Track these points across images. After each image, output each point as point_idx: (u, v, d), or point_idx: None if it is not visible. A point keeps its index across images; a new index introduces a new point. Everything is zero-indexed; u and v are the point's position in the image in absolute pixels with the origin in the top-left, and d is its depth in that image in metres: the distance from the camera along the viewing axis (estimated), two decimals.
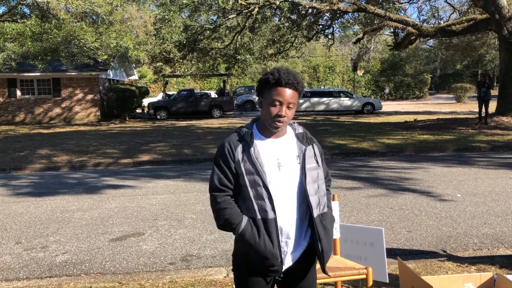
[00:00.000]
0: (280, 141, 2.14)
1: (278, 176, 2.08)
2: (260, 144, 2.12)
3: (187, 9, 19.52)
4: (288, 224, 2.10)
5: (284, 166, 2.09)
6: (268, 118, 2.08)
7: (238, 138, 2.13)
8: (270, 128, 2.10)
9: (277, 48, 22.51)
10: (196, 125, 20.67)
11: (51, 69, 22.58)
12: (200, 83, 42.39)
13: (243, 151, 2.08)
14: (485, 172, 8.60)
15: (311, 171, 2.12)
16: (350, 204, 6.59)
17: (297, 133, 2.20)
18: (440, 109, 26.96)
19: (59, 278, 4.32)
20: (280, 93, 2.05)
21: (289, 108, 2.06)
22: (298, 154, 2.13)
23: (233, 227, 2.07)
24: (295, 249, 2.14)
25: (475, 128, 14.89)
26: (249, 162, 2.06)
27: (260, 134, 2.14)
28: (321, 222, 2.12)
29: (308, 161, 2.12)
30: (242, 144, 2.10)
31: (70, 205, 7.03)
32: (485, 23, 17.00)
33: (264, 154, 2.10)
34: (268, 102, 2.07)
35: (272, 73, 2.08)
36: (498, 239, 4.98)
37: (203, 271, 4.36)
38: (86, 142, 14.72)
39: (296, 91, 2.08)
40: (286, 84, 2.04)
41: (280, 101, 2.04)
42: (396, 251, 4.76)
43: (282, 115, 2.04)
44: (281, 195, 2.07)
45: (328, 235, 2.14)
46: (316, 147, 2.20)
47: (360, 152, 11.46)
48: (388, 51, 37.39)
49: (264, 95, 2.10)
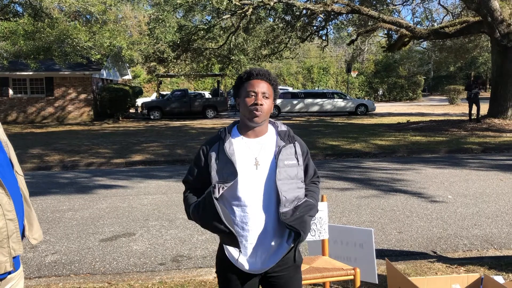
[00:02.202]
0: (260, 140, 2.14)
1: (255, 175, 2.07)
2: (238, 142, 2.12)
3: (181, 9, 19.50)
4: (267, 224, 2.08)
5: (261, 165, 2.09)
6: (246, 111, 2.09)
7: (215, 138, 2.17)
8: (249, 121, 2.10)
9: (271, 49, 22.52)
10: (190, 125, 20.64)
11: (44, 68, 22.43)
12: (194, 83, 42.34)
13: (218, 149, 2.11)
14: (476, 174, 8.65)
15: (288, 168, 2.09)
16: (342, 205, 6.60)
17: (279, 130, 2.19)
18: (433, 110, 27.10)
19: (48, 278, 4.30)
20: (253, 84, 2.10)
21: (265, 98, 2.09)
22: (275, 151, 2.12)
23: (188, 212, 2.13)
24: (273, 252, 2.11)
25: (468, 130, 14.97)
26: (223, 159, 2.07)
27: (239, 133, 2.16)
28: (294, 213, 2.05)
29: (284, 157, 2.09)
30: (218, 143, 2.13)
31: (61, 205, 7.00)
32: (477, 25, 17.11)
33: (241, 152, 2.10)
34: (243, 96, 2.11)
35: (244, 71, 2.17)
36: (488, 240, 5.01)
37: (193, 271, 4.35)
38: (79, 141, 14.65)
39: (268, 83, 2.13)
40: (258, 75, 2.11)
41: (255, 91, 2.09)
42: (386, 252, 4.77)
43: (258, 103, 2.06)
44: (258, 195, 2.06)
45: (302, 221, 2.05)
46: (298, 146, 2.18)
47: (352, 153, 11.48)
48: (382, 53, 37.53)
49: (240, 93, 2.15)
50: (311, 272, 2.60)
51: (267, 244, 2.10)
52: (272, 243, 2.10)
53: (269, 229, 2.09)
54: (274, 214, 2.08)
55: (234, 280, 2.12)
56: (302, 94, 26.30)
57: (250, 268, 2.11)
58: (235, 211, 2.09)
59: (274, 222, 2.09)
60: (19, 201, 1.92)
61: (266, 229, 2.09)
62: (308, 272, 2.59)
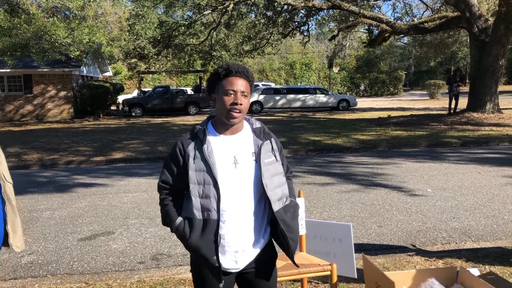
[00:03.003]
0: (236, 137, 2.10)
1: (234, 173, 2.04)
2: (215, 141, 2.07)
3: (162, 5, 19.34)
4: (245, 222, 2.06)
5: (240, 163, 2.05)
6: (224, 110, 2.03)
7: (190, 136, 2.10)
8: (227, 120, 2.05)
9: (253, 44, 22.48)
10: (172, 122, 20.49)
11: (22, 65, 22.04)
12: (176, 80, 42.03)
13: (195, 148, 2.04)
14: (456, 167, 8.76)
15: (269, 165, 2.07)
16: (323, 200, 6.62)
17: (254, 128, 2.16)
18: (413, 105, 27.39)
19: (23, 279, 4.21)
20: (232, 82, 2.03)
21: (244, 97, 2.04)
22: (254, 150, 2.09)
23: (168, 225, 2.13)
24: (251, 248, 2.09)
25: (447, 124, 15.16)
26: (201, 160, 2.02)
27: (215, 131, 2.10)
28: (285, 215, 2.08)
29: (264, 155, 2.07)
30: (194, 141, 2.07)
31: (39, 204, 6.87)
32: (456, 20, 17.32)
33: (219, 151, 2.05)
34: (221, 94, 2.04)
35: (221, 66, 2.08)
36: (466, 233, 5.07)
37: (173, 269, 4.31)
38: (58, 139, 14.42)
39: (247, 81, 2.07)
40: (237, 73, 2.04)
41: (234, 90, 2.03)
42: (366, 246, 4.79)
43: (238, 102, 2.01)
44: (237, 193, 2.03)
45: (293, 226, 2.10)
46: (274, 142, 2.16)
47: (334, 148, 11.53)
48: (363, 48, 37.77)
49: (216, 89, 2.08)
50: (288, 268, 2.59)
51: (244, 242, 2.08)
52: (249, 240, 2.08)
53: (247, 227, 2.07)
54: (253, 212, 2.06)
55: (210, 278, 2.09)
56: (284, 90, 26.33)
57: (226, 266, 2.09)
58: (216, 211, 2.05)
59: (252, 220, 2.07)
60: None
61: (244, 227, 2.07)
62: (285, 268, 2.58)
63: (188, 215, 2.05)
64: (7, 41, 17.20)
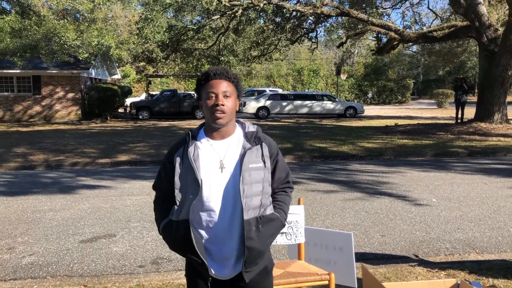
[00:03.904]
0: (226, 142, 2.09)
1: (220, 178, 2.02)
2: (203, 145, 2.08)
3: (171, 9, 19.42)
4: (231, 228, 2.03)
5: (227, 168, 2.03)
6: (208, 113, 2.05)
7: (180, 141, 2.13)
8: (212, 123, 2.05)
9: (261, 50, 22.52)
10: (178, 125, 20.53)
11: (31, 67, 22.20)
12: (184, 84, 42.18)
13: (183, 154, 2.07)
14: (462, 177, 8.68)
15: (253, 171, 2.03)
16: (326, 207, 6.58)
17: (246, 131, 2.13)
18: (421, 114, 27.26)
19: (23, 280, 4.21)
20: (212, 85, 2.05)
21: (225, 98, 2.04)
22: (241, 154, 2.07)
23: (158, 229, 2.16)
24: (240, 255, 2.05)
25: (454, 133, 15.06)
26: (186, 164, 2.03)
27: (205, 135, 2.11)
28: (257, 225, 2.02)
29: (248, 160, 2.03)
30: (183, 147, 2.09)
31: (42, 205, 6.88)
32: (465, 30, 17.24)
33: (206, 155, 2.05)
34: (204, 98, 2.07)
35: (202, 73, 2.12)
36: (470, 244, 5.01)
37: (173, 274, 4.28)
38: (65, 141, 14.48)
39: (228, 81, 2.07)
40: (215, 75, 2.06)
41: (214, 92, 2.04)
42: (368, 255, 4.74)
43: (219, 103, 2.01)
44: (221, 198, 2.02)
45: (261, 239, 2.03)
46: (266, 147, 2.11)
47: (339, 155, 11.48)
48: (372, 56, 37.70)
49: (201, 95, 2.10)
50: (285, 277, 2.55)
51: (233, 248, 2.04)
52: (238, 247, 2.04)
53: (236, 233, 2.03)
54: (240, 218, 2.03)
55: (202, 285, 2.07)
56: (291, 95, 26.31)
57: (217, 273, 2.07)
58: (201, 215, 2.03)
59: (239, 226, 2.03)
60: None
61: (233, 234, 2.03)
62: (282, 277, 2.55)
63: (170, 218, 2.10)
64: (18, 42, 17.34)
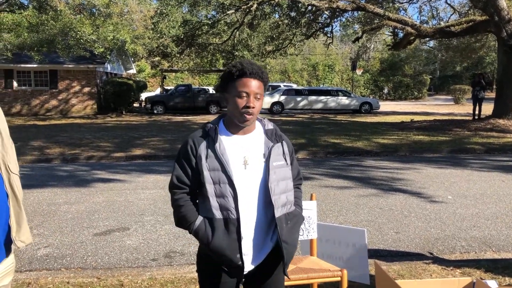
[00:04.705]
0: (248, 137, 2.06)
1: (244, 174, 2.00)
2: (226, 140, 2.03)
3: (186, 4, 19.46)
4: (251, 225, 2.02)
5: (250, 164, 2.01)
6: (236, 112, 1.98)
7: (202, 134, 2.06)
8: (239, 122, 2.01)
9: (276, 45, 22.43)
10: (192, 120, 20.59)
11: (48, 61, 22.45)
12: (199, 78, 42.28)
13: (208, 147, 2.00)
14: (478, 174, 8.55)
15: (278, 169, 2.03)
16: (340, 203, 6.53)
17: (266, 129, 2.10)
18: (437, 110, 26.92)
19: (38, 272, 4.26)
20: (246, 84, 1.97)
21: (256, 99, 1.98)
22: (264, 152, 2.04)
23: (187, 226, 2.03)
24: (259, 251, 2.05)
25: (471, 129, 14.83)
26: (214, 158, 1.98)
27: (226, 130, 2.06)
28: (286, 222, 2.03)
29: (274, 158, 2.03)
30: (206, 140, 2.02)
31: (58, 198, 6.96)
32: (484, 24, 16.92)
33: (230, 151, 2.01)
34: (234, 95, 1.99)
35: (235, 65, 2.01)
36: (486, 243, 4.92)
37: (185, 268, 4.30)
38: (80, 135, 14.63)
39: (261, 82, 2.01)
40: (251, 74, 1.97)
41: (247, 92, 1.97)
42: (382, 252, 4.70)
43: (250, 106, 1.95)
44: (246, 195, 1.99)
45: (292, 235, 2.06)
46: (286, 145, 2.11)
47: (354, 151, 11.39)
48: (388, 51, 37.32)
49: (229, 89, 2.02)
50: (296, 272, 2.53)
51: (254, 244, 2.04)
52: (257, 242, 2.05)
53: (255, 228, 2.03)
54: (262, 214, 2.02)
55: (217, 278, 2.06)
56: (306, 91, 26.18)
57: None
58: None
59: (260, 222, 2.03)
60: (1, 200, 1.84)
61: (252, 228, 2.03)
62: (294, 272, 2.53)
63: (207, 215, 2.01)
64: (35, 37, 17.55)
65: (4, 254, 1.88)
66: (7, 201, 1.86)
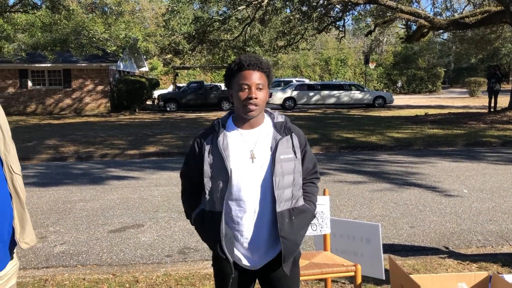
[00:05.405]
0: (255, 131, 2.05)
1: (251, 168, 1.99)
2: (232, 135, 2.04)
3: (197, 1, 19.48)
4: (262, 218, 2.01)
5: (257, 158, 2.00)
6: (240, 105, 2.00)
7: (209, 129, 2.09)
8: (244, 115, 2.01)
9: (287, 40, 22.34)
10: (205, 117, 20.63)
11: (61, 60, 22.67)
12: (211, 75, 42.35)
13: (211, 142, 2.03)
14: (494, 168, 8.43)
15: (284, 162, 2.00)
16: (354, 198, 6.50)
17: (275, 122, 2.09)
18: (452, 103, 26.61)
19: (55, 268, 4.31)
20: (246, 76, 1.98)
21: (258, 90, 1.99)
22: (271, 144, 2.03)
23: (189, 219, 2.16)
24: (271, 245, 2.04)
25: (487, 122, 14.63)
26: (216, 153, 2.00)
27: (234, 125, 2.07)
28: (290, 217, 2.01)
29: (281, 151, 2.01)
30: (212, 135, 2.05)
31: (73, 196, 7.04)
32: (499, 15, 16.64)
33: (236, 145, 2.02)
34: (236, 89, 2.00)
35: (233, 61, 2.04)
36: (503, 236, 4.86)
37: (199, 264, 4.32)
38: (94, 133, 14.77)
39: (261, 72, 2.01)
40: (249, 65, 1.99)
41: (248, 84, 1.98)
42: (397, 247, 4.66)
43: (252, 97, 1.96)
44: (252, 188, 1.99)
45: (294, 230, 2.02)
46: (296, 138, 2.08)
47: (367, 146, 11.31)
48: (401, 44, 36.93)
49: (232, 85, 2.04)
50: (310, 268, 2.52)
51: (263, 239, 2.03)
52: (267, 237, 2.03)
53: (265, 223, 2.02)
54: (270, 209, 2.01)
55: (230, 274, 2.06)
56: (318, 86, 26.05)
57: (247, 263, 2.06)
58: (230, 206, 2.02)
59: (270, 217, 2.02)
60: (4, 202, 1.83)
61: (262, 224, 2.02)
62: (308, 268, 2.52)
63: (202, 207, 2.09)
64: (48, 37, 17.73)
65: (9, 256, 1.88)
66: (11, 202, 1.84)
